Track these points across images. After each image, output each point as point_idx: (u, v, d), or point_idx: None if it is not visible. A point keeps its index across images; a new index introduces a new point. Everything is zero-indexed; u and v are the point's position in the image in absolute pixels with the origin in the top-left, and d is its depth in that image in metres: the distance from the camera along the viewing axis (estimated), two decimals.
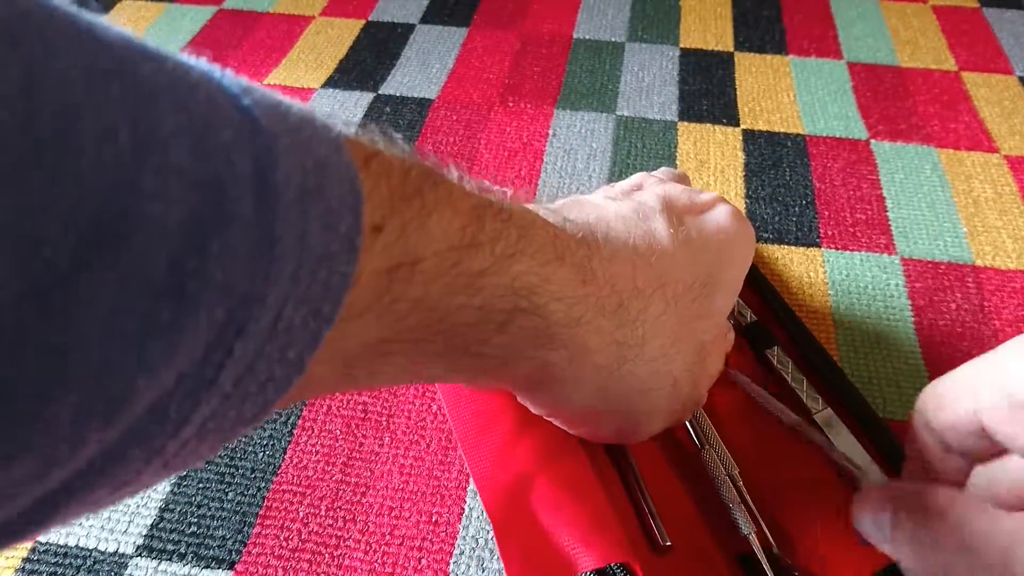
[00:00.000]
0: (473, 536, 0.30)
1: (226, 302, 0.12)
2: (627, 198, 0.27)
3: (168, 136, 0.11)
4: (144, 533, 0.31)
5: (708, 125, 0.53)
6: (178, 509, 0.31)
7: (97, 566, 0.30)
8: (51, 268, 0.10)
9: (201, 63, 0.14)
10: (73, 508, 0.12)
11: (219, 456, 0.33)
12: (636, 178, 0.29)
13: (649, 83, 0.57)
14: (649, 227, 0.25)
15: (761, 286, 0.38)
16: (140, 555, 0.30)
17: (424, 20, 0.65)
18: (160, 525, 0.31)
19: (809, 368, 0.33)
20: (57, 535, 0.31)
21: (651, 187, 0.27)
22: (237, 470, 0.33)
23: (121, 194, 0.10)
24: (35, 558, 0.30)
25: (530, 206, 0.23)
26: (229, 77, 0.14)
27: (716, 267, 0.26)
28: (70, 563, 0.30)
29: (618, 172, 0.49)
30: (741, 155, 0.50)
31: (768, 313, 0.36)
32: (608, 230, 0.24)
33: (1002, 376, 0.20)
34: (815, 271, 0.41)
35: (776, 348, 0.34)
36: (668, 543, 0.28)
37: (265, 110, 0.14)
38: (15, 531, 0.12)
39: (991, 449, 0.22)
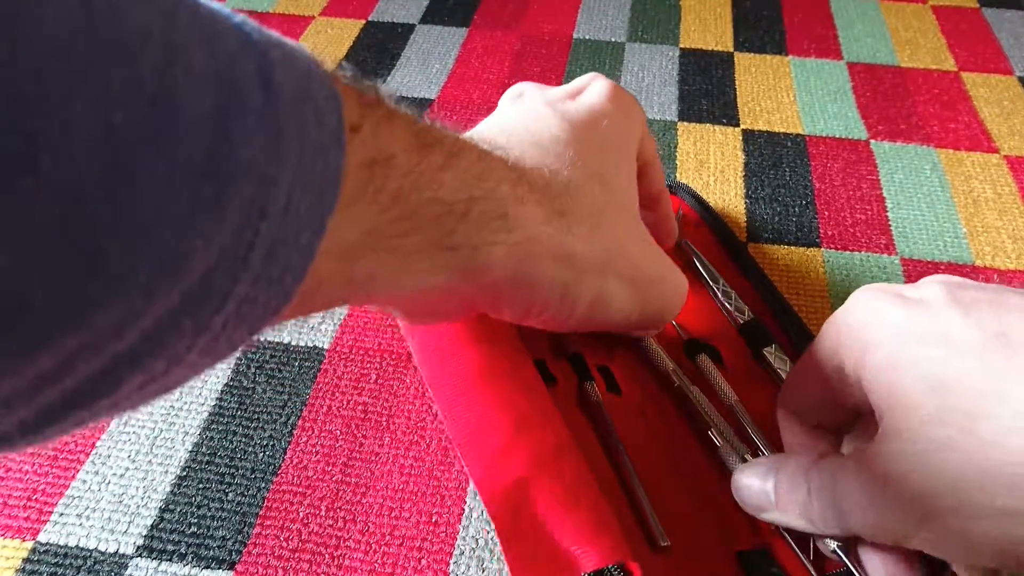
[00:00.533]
0: (473, 536, 0.30)
1: (251, 182, 0.14)
2: (514, 105, 0.30)
3: (188, 43, 0.13)
4: (144, 533, 0.31)
5: (708, 125, 0.53)
6: (178, 509, 0.31)
7: (97, 566, 0.30)
8: (122, 148, 0.12)
9: None
10: (136, 380, 0.14)
11: (219, 456, 0.33)
12: (517, 88, 0.32)
13: (649, 83, 0.57)
14: (538, 125, 0.28)
15: (758, 282, 0.38)
16: (140, 555, 0.30)
17: (424, 20, 0.65)
18: (160, 525, 0.31)
19: None
20: (58, 535, 0.31)
21: (531, 92, 0.31)
22: (237, 470, 0.33)
23: (164, 89, 0.12)
24: (35, 558, 0.30)
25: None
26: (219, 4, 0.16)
27: (607, 135, 0.29)
28: (70, 563, 0.30)
29: None
30: (741, 155, 0.50)
31: (766, 310, 0.36)
32: (511, 132, 0.28)
33: (826, 356, 0.26)
34: (815, 271, 0.41)
35: (773, 346, 0.34)
36: (667, 543, 0.28)
37: (253, 27, 0.16)
38: (88, 393, 0.14)
39: (845, 417, 0.28)
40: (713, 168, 0.49)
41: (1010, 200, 0.46)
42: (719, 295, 0.36)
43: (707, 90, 0.56)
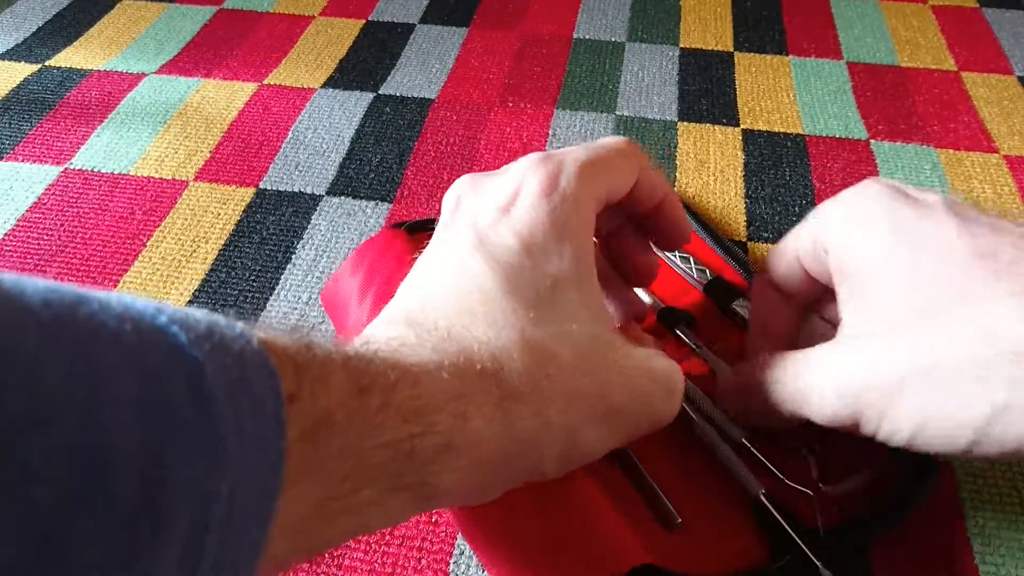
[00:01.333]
0: None
1: (191, 503, 0.14)
2: (446, 232, 0.26)
3: (113, 370, 0.13)
4: None
5: (708, 125, 0.53)
6: None
7: None
8: (45, 518, 0.11)
9: (117, 295, 0.16)
10: None
11: None
12: (455, 191, 0.27)
13: (649, 83, 0.57)
14: (466, 281, 0.24)
15: (713, 240, 0.39)
16: None
17: (424, 20, 0.65)
18: None
19: None
20: None
21: (464, 209, 0.26)
22: None
23: (89, 431, 0.12)
24: None
25: (376, 328, 0.23)
26: (143, 301, 0.16)
27: (546, 252, 0.25)
28: None
29: None
30: (741, 155, 0.50)
31: (724, 266, 0.38)
32: (439, 300, 0.24)
33: (811, 225, 0.28)
34: None
35: (741, 299, 0.35)
36: (679, 520, 0.28)
37: (182, 325, 0.16)
38: None
39: (814, 291, 0.29)
40: (713, 168, 0.49)
41: (1010, 200, 0.46)
42: (677, 261, 0.37)
43: (707, 90, 0.56)
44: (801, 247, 0.29)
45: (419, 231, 0.39)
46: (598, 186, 0.26)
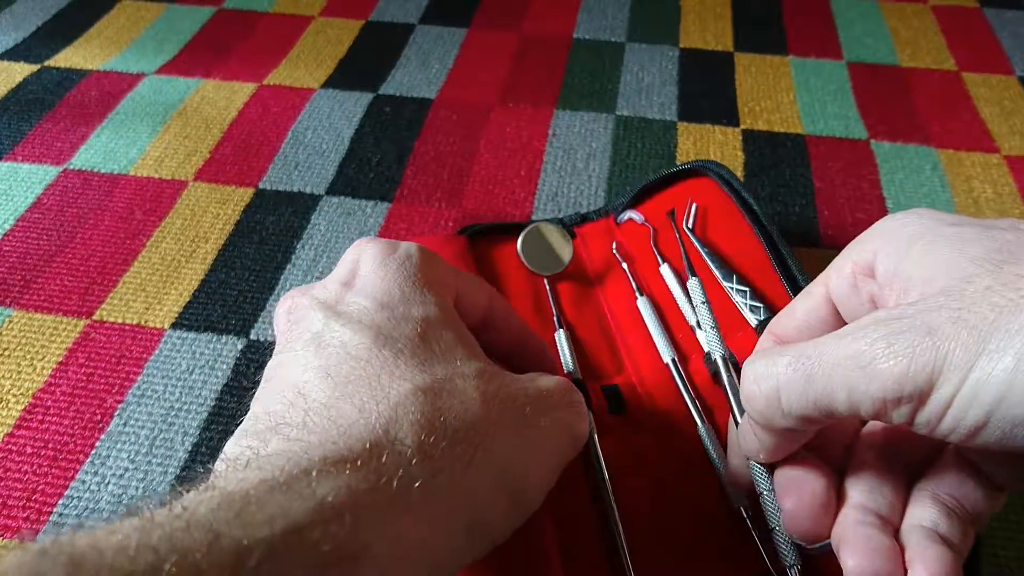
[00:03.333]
0: None
1: None
2: (282, 351, 0.23)
3: None
4: None
5: (708, 125, 0.53)
6: None
7: None
8: None
9: None
10: None
11: (219, 456, 0.33)
12: (285, 303, 0.25)
13: (649, 83, 0.57)
14: (302, 399, 0.21)
15: (785, 272, 0.35)
16: None
17: (424, 20, 0.65)
18: None
19: None
20: None
21: (299, 318, 0.23)
22: None
23: None
24: None
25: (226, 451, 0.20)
26: None
27: (382, 353, 0.22)
28: None
29: (618, 172, 0.49)
30: (741, 155, 0.50)
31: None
32: (319, 414, 0.20)
33: (845, 254, 0.24)
34: (815, 271, 0.41)
35: None
36: None
37: None
38: None
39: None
40: None
41: (1010, 200, 0.46)
42: (733, 293, 0.35)
43: (707, 90, 0.56)
44: (832, 280, 0.25)
45: (482, 236, 0.39)
46: (435, 259, 0.25)
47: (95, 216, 0.46)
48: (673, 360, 0.33)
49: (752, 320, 0.33)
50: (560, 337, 0.34)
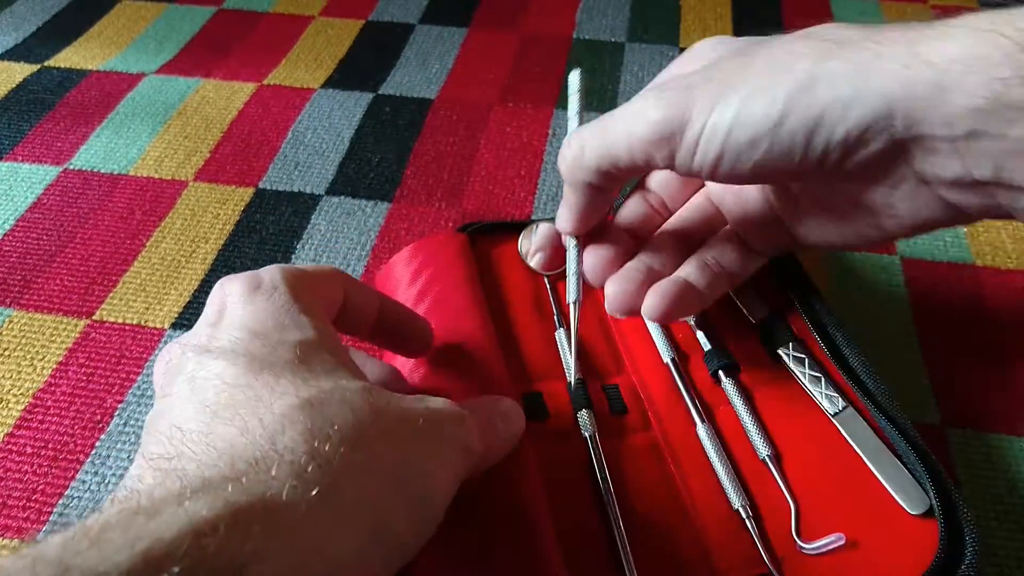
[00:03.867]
0: None
1: None
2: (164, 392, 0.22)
3: None
4: None
5: None
6: None
7: None
8: None
9: None
10: None
11: None
12: (163, 356, 0.24)
13: (649, 83, 0.57)
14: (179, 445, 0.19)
15: (788, 272, 0.35)
16: None
17: (424, 20, 0.65)
18: None
19: (835, 360, 0.31)
20: None
21: (174, 367, 0.22)
22: None
23: None
24: None
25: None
26: None
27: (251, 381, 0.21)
28: None
29: None
30: None
31: (787, 301, 0.34)
32: (197, 445, 0.19)
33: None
34: (815, 271, 0.41)
35: (790, 345, 0.32)
36: None
37: None
38: None
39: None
40: None
41: None
42: (732, 291, 0.34)
43: None
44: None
45: (482, 235, 0.38)
46: (307, 281, 0.25)
47: (95, 216, 0.46)
48: (673, 360, 0.33)
49: (753, 318, 0.34)
50: (560, 336, 0.34)
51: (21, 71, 0.58)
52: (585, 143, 0.28)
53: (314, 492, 0.18)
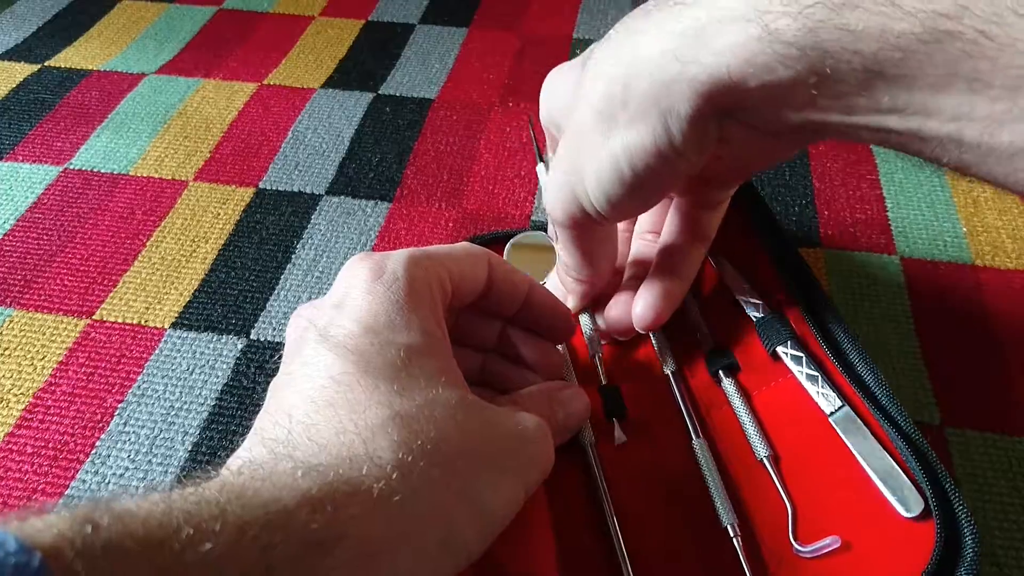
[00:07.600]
0: None
1: None
2: (291, 363, 0.24)
3: None
4: None
5: None
6: None
7: None
8: None
9: None
10: None
11: (219, 456, 0.33)
12: (294, 322, 0.26)
13: None
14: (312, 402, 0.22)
15: (790, 271, 0.34)
16: None
17: (424, 20, 0.65)
18: None
19: (835, 358, 0.31)
20: None
21: (302, 340, 0.24)
22: None
23: None
24: None
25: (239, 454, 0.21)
26: None
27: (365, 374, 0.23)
28: None
29: None
30: None
31: (788, 298, 0.34)
32: (301, 433, 0.21)
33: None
34: (815, 271, 0.41)
35: (788, 343, 0.32)
36: None
37: None
38: None
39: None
40: None
41: (1010, 200, 0.46)
42: (732, 292, 0.34)
43: None
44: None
45: (488, 246, 0.38)
46: (434, 268, 0.26)
47: (95, 216, 0.46)
48: (672, 373, 0.32)
49: (754, 316, 0.33)
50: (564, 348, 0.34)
51: (21, 71, 0.58)
52: (548, 198, 0.30)
53: (396, 498, 0.20)
